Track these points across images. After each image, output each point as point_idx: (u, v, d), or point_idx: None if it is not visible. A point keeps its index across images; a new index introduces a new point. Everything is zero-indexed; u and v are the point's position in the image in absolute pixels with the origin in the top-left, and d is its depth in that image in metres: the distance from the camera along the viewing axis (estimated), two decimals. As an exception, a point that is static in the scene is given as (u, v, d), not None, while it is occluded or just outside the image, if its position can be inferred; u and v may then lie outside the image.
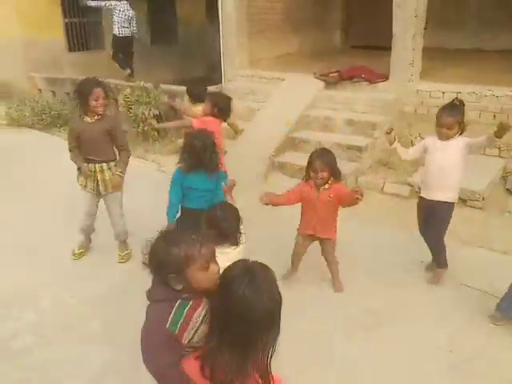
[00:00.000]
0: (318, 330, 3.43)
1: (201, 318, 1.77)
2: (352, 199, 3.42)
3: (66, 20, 11.94)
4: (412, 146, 6.75)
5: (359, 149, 6.30)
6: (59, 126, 8.91)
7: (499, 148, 6.15)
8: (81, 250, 4.52)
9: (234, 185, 3.48)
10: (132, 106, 7.87)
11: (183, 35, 14.47)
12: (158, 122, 4.56)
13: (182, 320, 1.74)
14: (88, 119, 3.96)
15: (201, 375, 1.60)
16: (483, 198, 5.25)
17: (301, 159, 5.40)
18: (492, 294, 3.74)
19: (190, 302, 1.78)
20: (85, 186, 4.17)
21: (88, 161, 4.07)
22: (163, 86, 8.31)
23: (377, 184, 5.95)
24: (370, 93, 7.14)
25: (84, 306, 3.83)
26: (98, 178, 4.09)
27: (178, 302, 1.77)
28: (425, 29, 6.92)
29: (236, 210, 2.88)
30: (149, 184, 6.14)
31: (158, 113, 7.81)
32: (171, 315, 1.74)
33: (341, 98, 7.21)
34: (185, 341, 1.76)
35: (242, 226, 2.79)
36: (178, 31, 14.52)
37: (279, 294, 1.58)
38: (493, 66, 7.74)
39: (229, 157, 6.83)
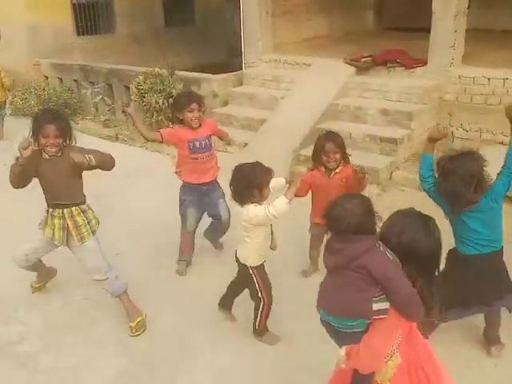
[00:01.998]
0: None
1: None
2: (357, 180, 3.75)
3: (74, 1, 12.11)
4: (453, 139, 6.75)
5: (394, 141, 6.28)
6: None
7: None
8: (39, 284, 4.19)
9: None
10: (145, 95, 7.97)
11: (200, 16, 14.55)
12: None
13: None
14: (45, 155, 3.43)
15: None
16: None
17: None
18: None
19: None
20: (51, 239, 3.59)
21: (54, 206, 3.53)
22: (179, 73, 8.40)
23: (413, 180, 5.86)
24: (407, 79, 7.11)
25: (95, 308, 3.92)
26: (69, 225, 3.51)
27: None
28: (468, 7, 6.83)
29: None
30: (166, 178, 6.16)
31: (172, 102, 7.90)
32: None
33: (374, 85, 7.18)
34: None
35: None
36: (195, 12, 14.61)
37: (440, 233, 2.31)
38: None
39: (249, 150, 6.90)
